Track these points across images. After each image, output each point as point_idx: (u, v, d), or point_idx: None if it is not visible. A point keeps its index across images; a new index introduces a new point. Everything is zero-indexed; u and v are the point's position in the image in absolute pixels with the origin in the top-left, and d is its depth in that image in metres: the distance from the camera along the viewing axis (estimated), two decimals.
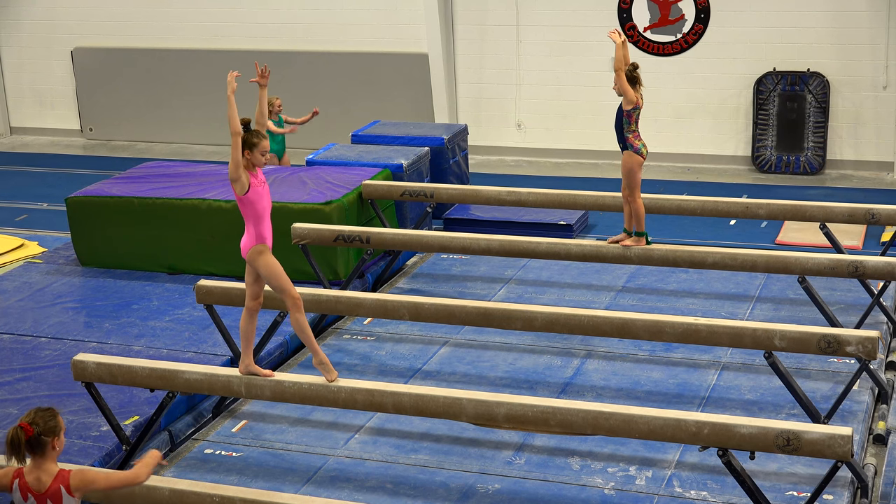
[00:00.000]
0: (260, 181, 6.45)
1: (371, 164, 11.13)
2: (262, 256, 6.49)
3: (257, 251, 6.48)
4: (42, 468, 4.74)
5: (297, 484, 6.82)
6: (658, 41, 14.48)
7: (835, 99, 13.98)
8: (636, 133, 8.60)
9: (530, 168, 14.82)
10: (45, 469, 4.74)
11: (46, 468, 4.75)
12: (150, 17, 16.53)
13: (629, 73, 8.49)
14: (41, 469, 4.74)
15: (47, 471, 4.74)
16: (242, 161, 6.34)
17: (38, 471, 4.74)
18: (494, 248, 9.28)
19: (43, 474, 4.74)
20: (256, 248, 6.48)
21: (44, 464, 4.74)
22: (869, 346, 6.84)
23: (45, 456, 4.73)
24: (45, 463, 4.75)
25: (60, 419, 4.80)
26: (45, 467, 4.75)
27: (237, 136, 6.29)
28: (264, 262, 6.49)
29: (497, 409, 6.24)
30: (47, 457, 4.74)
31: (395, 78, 15.48)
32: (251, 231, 6.47)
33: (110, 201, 10.40)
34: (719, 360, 8.30)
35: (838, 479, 6.46)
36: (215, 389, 6.86)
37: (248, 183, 6.35)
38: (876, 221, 9.45)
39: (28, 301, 9.66)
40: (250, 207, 6.43)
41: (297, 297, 6.54)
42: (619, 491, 6.63)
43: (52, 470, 4.76)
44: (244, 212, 6.45)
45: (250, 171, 6.41)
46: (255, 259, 6.49)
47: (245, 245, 6.51)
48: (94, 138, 17.14)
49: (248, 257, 6.50)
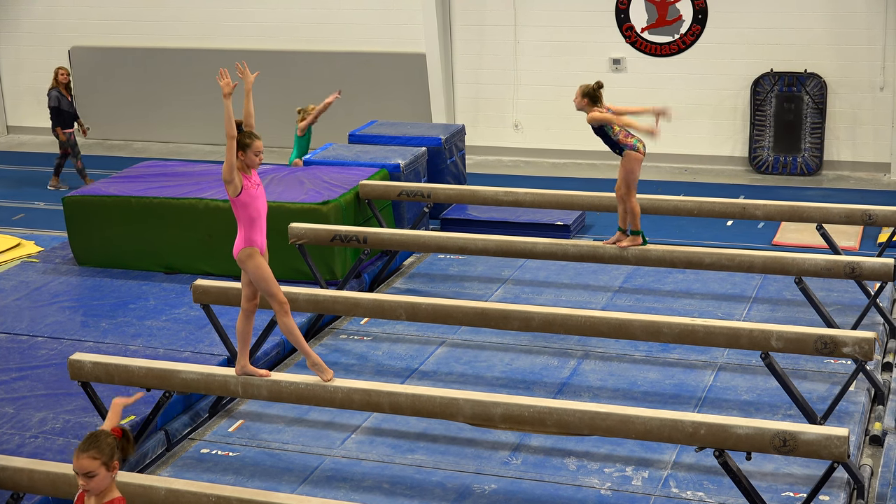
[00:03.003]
0: (254, 183, 6.45)
1: (368, 163, 11.13)
2: (252, 259, 6.50)
3: (246, 254, 6.49)
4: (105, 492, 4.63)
5: (294, 484, 6.82)
6: (655, 42, 14.49)
7: (832, 100, 13.99)
8: (624, 132, 8.59)
9: (527, 168, 14.82)
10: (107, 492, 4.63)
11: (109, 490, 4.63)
12: (148, 17, 16.53)
13: (592, 93, 8.50)
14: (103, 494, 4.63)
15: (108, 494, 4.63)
16: (237, 163, 6.33)
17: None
18: (491, 248, 9.28)
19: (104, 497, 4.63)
20: (245, 250, 6.49)
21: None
22: (865, 347, 6.84)
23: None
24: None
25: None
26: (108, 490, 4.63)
27: (231, 139, 6.28)
28: (253, 265, 6.51)
29: (494, 409, 6.24)
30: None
31: (392, 78, 15.48)
32: (242, 233, 6.49)
33: (107, 200, 10.39)
34: (716, 361, 8.31)
35: (835, 480, 6.46)
36: (212, 389, 6.86)
37: (242, 185, 6.35)
38: (873, 222, 9.46)
39: (25, 300, 9.65)
40: (243, 210, 6.43)
41: (283, 301, 6.56)
42: (615, 491, 6.63)
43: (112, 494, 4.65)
44: (237, 214, 6.45)
45: (244, 172, 6.41)
46: (245, 262, 6.51)
47: (236, 247, 6.52)
48: (90, 137, 17.13)
49: (238, 259, 6.52)
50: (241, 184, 6.34)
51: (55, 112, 13.95)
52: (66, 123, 13.98)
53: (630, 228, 8.79)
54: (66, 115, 13.97)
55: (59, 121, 13.93)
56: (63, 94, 13.97)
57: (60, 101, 13.91)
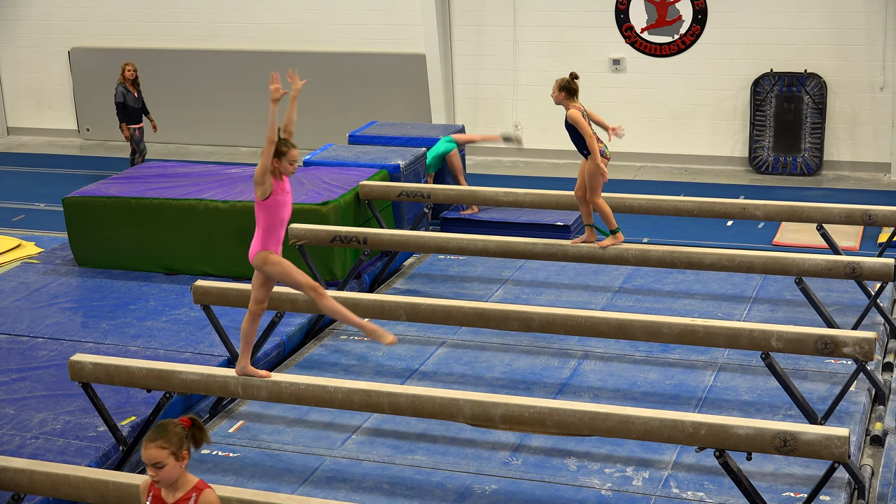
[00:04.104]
0: (284, 190, 6.34)
1: (368, 164, 11.13)
2: (269, 261, 6.39)
3: (261, 258, 6.40)
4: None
5: (294, 484, 6.82)
6: (655, 42, 14.49)
7: (832, 100, 13.99)
8: (595, 136, 8.63)
9: (527, 169, 14.82)
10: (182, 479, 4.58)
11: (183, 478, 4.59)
12: (148, 18, 16.53)
13: (568, 85, 8.53)
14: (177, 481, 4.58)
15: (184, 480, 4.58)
16: (270, 167, 6.27)
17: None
18: (491, 248, 9.28)
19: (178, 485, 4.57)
20: (261, 254, 6.40)
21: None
22: (866, 347, 6.84)
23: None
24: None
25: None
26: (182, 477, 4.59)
27: (271, 143, 6.22)
28: (273, 267, 6.40)
29: (494, 409, 6.24)
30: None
31: (392, 78, 15.48)
32: (259, 237, 6.39)
33: (107, 201, 10.39)
34: (716, 361, 8.31)
35: (835, 481, 6.46)
36: (212, 390, 6.86)
37: (271, 189, 6.30)
38: (873, 222, 9.45)
39: (25, 301, 9.65)
40: (267, 214, 6.33)
41: (314, 284, 6.41)
42: (615, 492, 6.63)
43: (189, 480, 4.60)
44: (259, 216, 6.36)
45: (276, 178, 6.30)
46: (262, 266, 6.41)
47: (252, 250, 6.43)
48: (90, 138, 17.14)
49: (254, 263, 6.44)
50: (272, 188, 6.30)
51: (121, 108, 13.71)
52: (133, 119, 13.78)
53: (608, 228, 8.85)
54: (132, 110, 13.74)
55: (125, 116, 13.75)
56: (129, 89, 13.71)
57: (126, 97, 13.71)
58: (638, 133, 14.69)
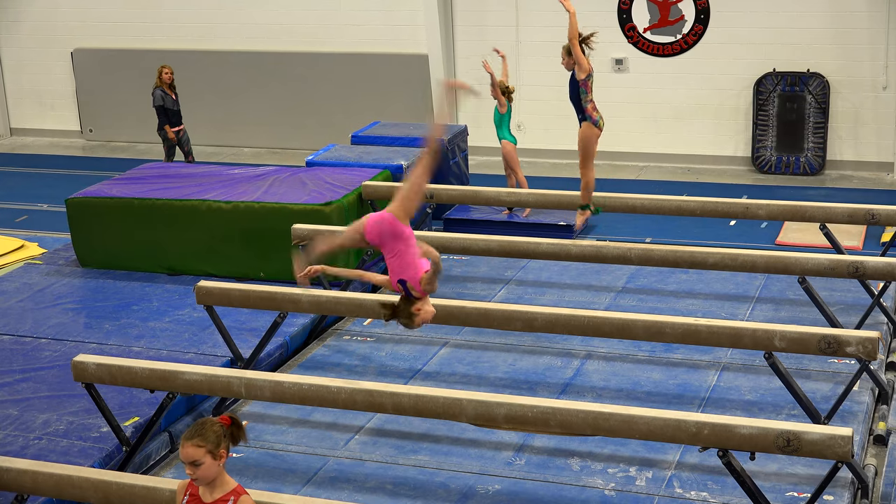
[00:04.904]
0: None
1: (371, 164, 11.13)
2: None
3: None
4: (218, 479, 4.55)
5: (297, 485, 6.82)
6: (658, 42, 14.48)
7: (834, 99, 13.98)
8: (593, 103, 8.69)
9: (530, 169, 14.79)
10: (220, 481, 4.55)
11: (222, 479, 4.56)
12: (150, 19, 16.54)
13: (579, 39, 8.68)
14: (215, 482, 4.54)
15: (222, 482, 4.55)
16: (420, 288, 5.79)
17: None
18: (494, 248, 9.28)
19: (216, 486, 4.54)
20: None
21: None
22: (869, 347, 6.84)
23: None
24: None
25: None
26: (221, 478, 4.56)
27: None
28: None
29: (497, 409, 6.24)
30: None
31: (394, 79, 15.48)
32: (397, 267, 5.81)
33: (110, 202, 10.40)
34: (719, 361, 8.30)
35: (838, 480, 6.45)
36: (215, 390, 6.86)
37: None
38: (876, 222, 9.45)
39: (28, 302, 9.66)
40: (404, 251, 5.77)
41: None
42: (619, 492, 6.63)
43: (228, 483, 4.56)
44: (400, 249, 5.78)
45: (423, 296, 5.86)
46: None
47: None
48: (93, 139, 17.15)
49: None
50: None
51: (161, 111, 13.69)
52: (174, 122, 13.79)
53: (581, 203, 8.98)
54: (171, 113, 13.74)
55: (167, 119, 13.74)
56: (167, 92, 13.65)
57: (165, 100, 13.68)
58: (641, 133, 14.69)
